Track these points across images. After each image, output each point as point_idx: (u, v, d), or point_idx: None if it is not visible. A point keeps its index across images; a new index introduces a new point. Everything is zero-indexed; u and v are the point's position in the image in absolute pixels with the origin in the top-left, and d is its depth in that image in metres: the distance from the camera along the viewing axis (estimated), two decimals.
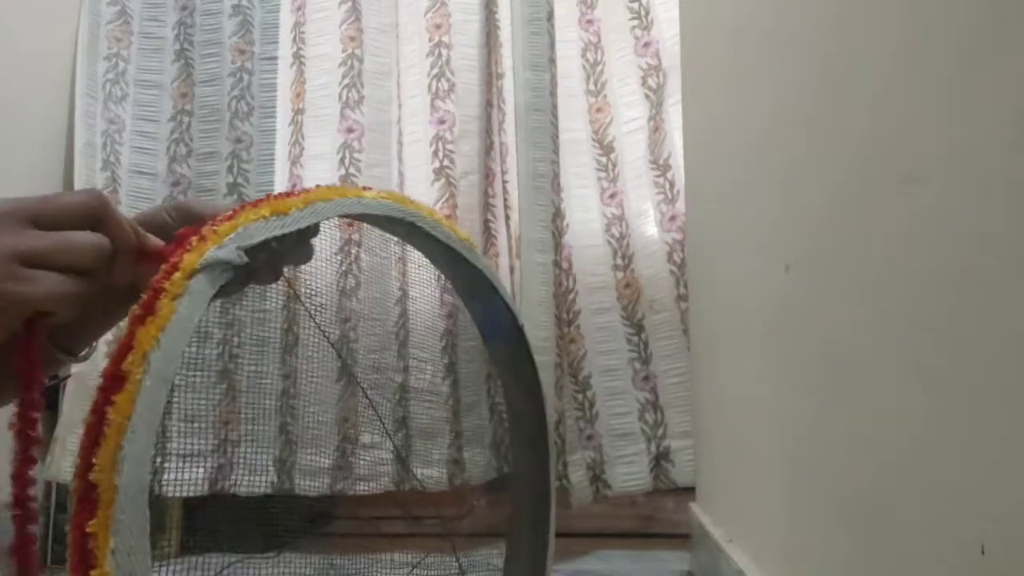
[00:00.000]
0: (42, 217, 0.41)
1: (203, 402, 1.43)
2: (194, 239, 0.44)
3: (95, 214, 0.43)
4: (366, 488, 1.36)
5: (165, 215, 0.54)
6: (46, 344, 0.51)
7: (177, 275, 0.42)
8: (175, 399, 1.39)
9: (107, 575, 0.37)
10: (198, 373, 1.45)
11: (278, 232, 0.47)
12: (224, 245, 0.44)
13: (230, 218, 0.47)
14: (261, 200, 0.49)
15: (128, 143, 1.51)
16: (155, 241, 0.48)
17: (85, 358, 0.60)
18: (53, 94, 1.48)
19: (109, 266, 0.44)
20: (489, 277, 0.66)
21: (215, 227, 0.45)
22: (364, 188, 0.56)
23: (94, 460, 0.39)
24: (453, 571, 0.97)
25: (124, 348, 0.41)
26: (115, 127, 1.50)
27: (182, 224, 0.54)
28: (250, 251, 0.45)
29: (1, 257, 0.39)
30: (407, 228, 0.60)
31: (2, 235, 0.39)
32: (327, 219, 0.52)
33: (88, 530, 0.37)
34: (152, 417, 0.39)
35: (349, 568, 1.17)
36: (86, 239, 0.42)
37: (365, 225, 0.65)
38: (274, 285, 0.56)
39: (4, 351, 0.41)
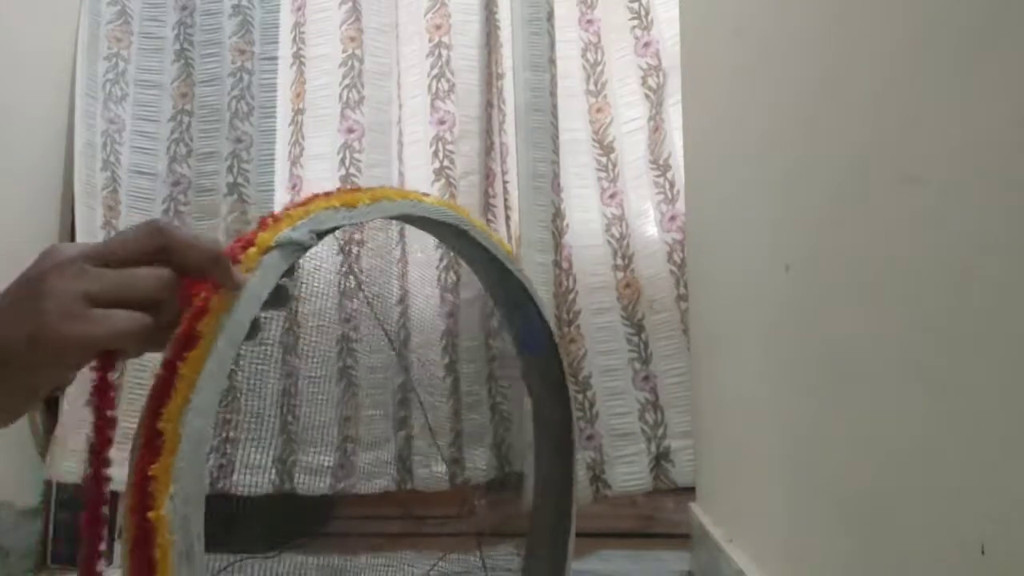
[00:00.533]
0: (106, 256, 0.41)
1: None
2: (269, 219, 0.48)
3: (158, 243, 0.43)
4: (366, 488, 1.36)
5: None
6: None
7: (252, 250, 0.45)
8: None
9: (164, 518, 0.38)
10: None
11: (346, 223, 0.51)
12: (297, 227, 0.47)
13: (303, 204, 0.49)
14: (332, 192, 0.52)
15: (128, 143, 1.51)
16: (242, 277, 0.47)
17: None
18: (53, 94, 1.48)
19: (182, 293, 0.44)
20: (529, 289, 0.68)
21: (288, 211, 0.48)
22: (423, 194, 0.60)
23: (162, 410, 0.41)
24: (473, 571, 0.97)
25: (199, 312, 0.43)
26: (115, 127, 1.50)
27: None
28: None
29: (67, 298, 0.39)
30: (456, 234, 0.63)
31: (65, 277, 0.40)
32: (389, 217, 0.56)
33: (150, 474, 0.39)
34: (220, 375, 0.42)
35: (350, 568, 1.17)
36: (148, 273, 0.42)
37: (367, 226, 0.69)
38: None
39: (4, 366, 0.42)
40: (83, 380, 0.42)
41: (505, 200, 1.44)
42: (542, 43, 1.36)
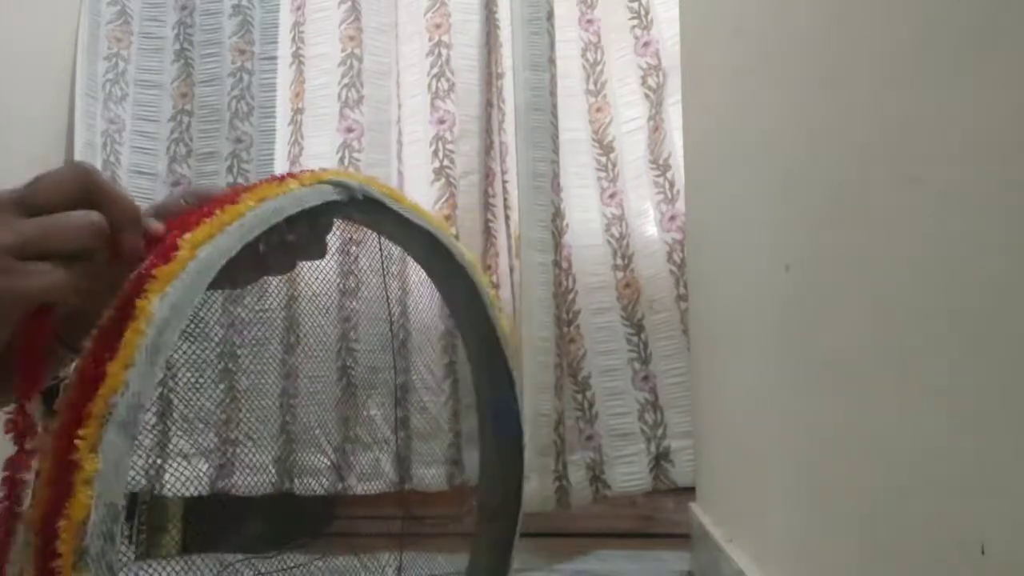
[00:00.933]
0: (28, 203, 0.39)
1: (203, 402, 1.43)
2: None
3: (85, 188, 0.40)
4: (364, 489, 1.36)
5: (181, 201, 0.51)
6: (53, 344, 0.49)
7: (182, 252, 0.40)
8: (175, 400, 1.39)
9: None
10: (200, 373, 1.45)
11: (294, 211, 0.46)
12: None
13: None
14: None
15: (128, 143, 1.51)
16: (156, 225, 0.44)
17: None
18: (53, 94, 1.48)
19: (112, 244, 0.41)
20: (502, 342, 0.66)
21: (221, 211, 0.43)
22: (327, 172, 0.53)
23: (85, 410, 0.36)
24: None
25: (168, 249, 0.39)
26: (115, 127, 1.50)
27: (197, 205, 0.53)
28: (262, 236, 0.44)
29: None
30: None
31: None
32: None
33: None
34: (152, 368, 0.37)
35: (350, 568, 1.17)
36: (77, 219, 0.39)
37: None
38: (276, 283, 0.56)
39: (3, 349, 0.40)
40: None
41: (505, 200, 1.44)
42: (542, 42, 1.36)
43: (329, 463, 1.37)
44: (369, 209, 0.57)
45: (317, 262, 0.56)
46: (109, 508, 0.34)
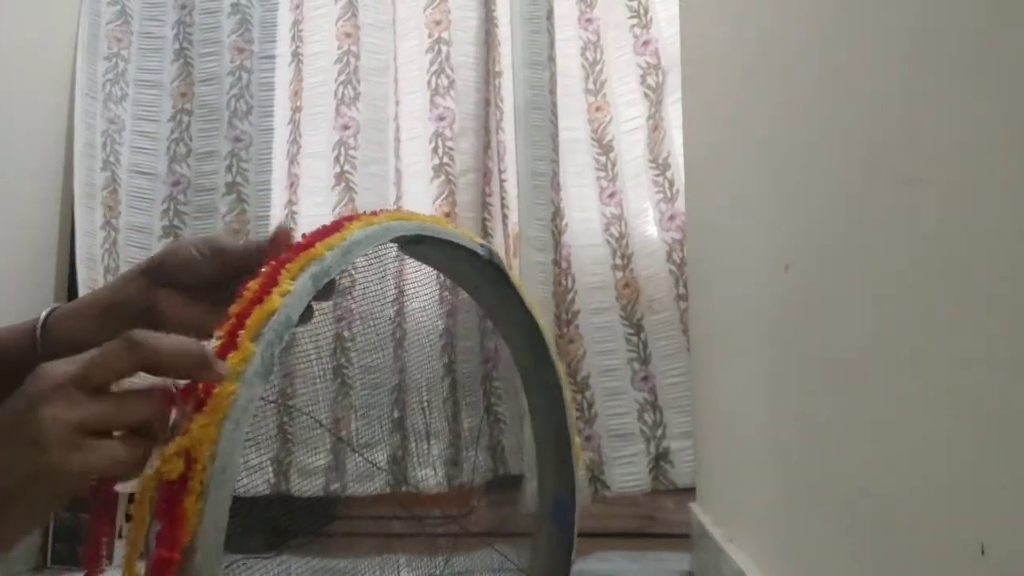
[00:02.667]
0: (88, 382, 0.41)
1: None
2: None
3: (140, 359, 0.42)
4: (361, 490, 1.35)
5: (194, 251, 0.55)
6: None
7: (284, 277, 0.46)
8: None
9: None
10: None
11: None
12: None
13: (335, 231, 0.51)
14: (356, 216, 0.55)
15: (128, 143, 1.51)
16: (223, 367, 0.46)
17: None
18: (53, 94, 1.48)
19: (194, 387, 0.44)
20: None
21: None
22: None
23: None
24: (474, 571, 0.97)
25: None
26: (115, 127, 1.50)
27: (211, 260, 0.56)
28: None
29: (62, 430, 0.39)
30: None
31: (57, 405, 0.39)
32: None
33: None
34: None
35: (350, 569, 1.17)
36: (136, 399, 0.42)
37: None
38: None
39: None
40: None
41: (502, 199, 1.44)
42: (542, 41, 1.36)
43: (323, 464, 1.36)
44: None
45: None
46: None
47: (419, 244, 0.61)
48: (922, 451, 0.43)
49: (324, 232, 0.51)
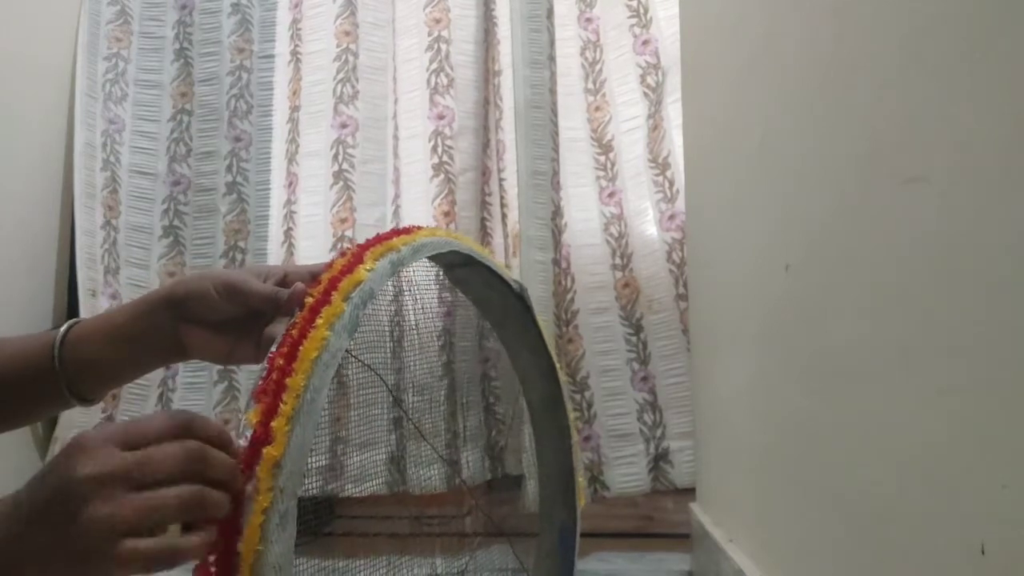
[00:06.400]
0: (139, 480, 0.42)
1: (203, 401, 1.43)
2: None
3: (193, 470, 0.43)
4: (358, 491, 1.35)
5: (214, 292, 0.57)
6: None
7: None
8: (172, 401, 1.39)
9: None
10: (199, 372, 1.45)
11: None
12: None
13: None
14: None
15: (128, 143, 1.51)
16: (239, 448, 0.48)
17: (95, 403, 0.62)
18: (53, 94, 1.48)
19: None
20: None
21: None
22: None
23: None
24: (474, 571, 0.97)
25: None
26: (115, 127, 1.50)
27: (228, 300, 0.58)
28: None
29: (109, 532, 0.40)
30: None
31: (103, 506, 0.40)
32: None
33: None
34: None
35: (350, 569, 1.17)
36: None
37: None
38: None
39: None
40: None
41: (501, 198, 1.44)
42: (542, 40, 1.36)
43: (320, 464, 1.36)
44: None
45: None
46: None
47: (465, 267, 0.69)
48: (922, 451, 0.43)
49: (396, 233, 0.60)
